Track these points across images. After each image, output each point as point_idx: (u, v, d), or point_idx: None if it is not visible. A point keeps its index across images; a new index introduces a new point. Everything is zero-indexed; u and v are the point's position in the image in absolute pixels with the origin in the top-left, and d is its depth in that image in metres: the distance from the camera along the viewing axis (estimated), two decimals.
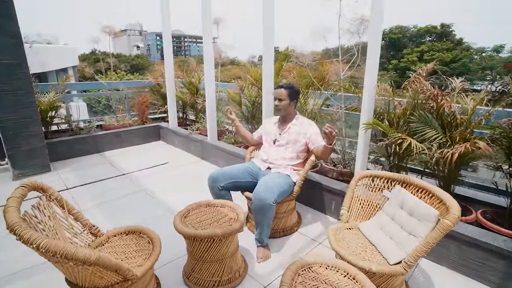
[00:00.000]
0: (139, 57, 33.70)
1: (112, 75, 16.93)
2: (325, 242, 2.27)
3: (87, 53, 36.81)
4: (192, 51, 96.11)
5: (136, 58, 31.40)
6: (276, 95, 2.27)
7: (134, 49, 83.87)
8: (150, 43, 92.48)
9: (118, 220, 2.55)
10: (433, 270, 1.97)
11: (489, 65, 20.23)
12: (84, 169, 3.73)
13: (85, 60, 32.01)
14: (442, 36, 26.46)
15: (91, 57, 35.42)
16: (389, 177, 1.95)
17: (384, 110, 2.32)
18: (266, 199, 1.90)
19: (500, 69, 18.81)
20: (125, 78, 29.59)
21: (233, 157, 3.61)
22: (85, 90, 5.49)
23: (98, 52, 37.41)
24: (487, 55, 21.80)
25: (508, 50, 22.53)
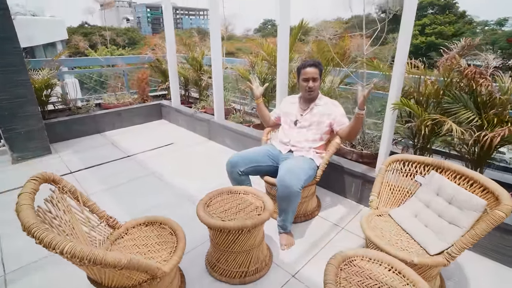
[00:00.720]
0: (130, 31, 32.17)
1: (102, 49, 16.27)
2: (348, 226, 2.20)
3: (75, 26, 34.98)
4: (185, 24, 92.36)
5: (127, 31, 29.93)
6: (309, 74, 2.05)
7: (124, 22, 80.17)
8: (140, 16, 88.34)
9: (130, 206, 2.43)
10: (463, 256, 1.91)
11: (491, 39, 19.82)
12: (86, 151, 3.56)
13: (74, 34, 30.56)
14: (445, 9, 25.54)
15: (80, 30, 33.69)
16: (423, 162, 1.83)
17: (414, 88, 2.16)
18: (293, 186, 1.78)
19: (503, 43, 18.44)
20: (116, 53, 28.41)
21: (241, 137, 3.47)
22: (76, 67, 5.17)
23: (87, 26, 35.50)
24: (489, 29, 21.27)
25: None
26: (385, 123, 2.21)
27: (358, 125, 1.96)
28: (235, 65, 3.62)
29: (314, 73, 2.07)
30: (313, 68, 2.07)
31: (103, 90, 9.15)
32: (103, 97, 4.59)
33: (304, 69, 2.10)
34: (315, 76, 2.07)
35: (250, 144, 3.36)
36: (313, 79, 2.08)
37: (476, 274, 1.77)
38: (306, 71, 2.08)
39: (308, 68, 2.07)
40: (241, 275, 1.66)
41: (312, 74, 2.07)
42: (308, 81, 2.08)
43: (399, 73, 2.05)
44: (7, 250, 1.92)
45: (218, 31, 3.44)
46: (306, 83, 2.09)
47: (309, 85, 2.08)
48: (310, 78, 2.07)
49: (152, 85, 5.75)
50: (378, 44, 2.39)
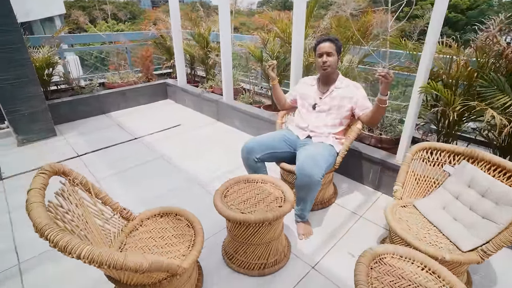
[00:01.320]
0: (129, 4, 30.83)
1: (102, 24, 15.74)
2: (366, 215, 2.13)
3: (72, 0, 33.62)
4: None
5: (126, 5, 28.68)
6: (322, 49, 1.91)
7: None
8: None
9: (140, 192, 2.37)
10: None
11: (509, 13, 18.77)
12: (92, 133, 3.46)
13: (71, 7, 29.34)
14: None
15: (77, 4, 32.37)
16: (453, 151, 1.72)
17: (444, 70, 2.00)
18: (314, 175, 1.69)
19: None
20: (116, 28, 27.41)
21: (252, 119, 3.34)
22: (76, 44, 4.92)
23: None
24: (507, 1, 20.11)
25: None
26: (410, 108, 2.07)
27: (381, 112, 1.83)
28: (245, 42, 3.41)
29: (329, 47, 1.92)
30: (328, 43, 1.92)
31: (104, 67, 8.89)
32: (107, 76, 4.42)
33: (319, 44, 1.96)
34: (329, 50, 1.92)
35: (261, 126, 3.25)
36: (327, 53, 1.92)
37: (504, 268, 1.70)
38: (320, 46, 1.94)
39: (323, 43, 1.93)
40: (260, 267, 1.61)
41: (326, 48, 1.92)
42: (323, 56, 1.93)
43: (429, 53, 1.88)
44: (19, 239, 1.88)
45: (227, 5, 3.21)
46: (321, 58, 1.94)
47: (323, 59, 1.93)
48: (324, 52, 1.92)
49: (156, 62, 5.54)
50: (405, 19, 2.20)
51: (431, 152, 1.78)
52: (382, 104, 1.77)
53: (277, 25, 2.78)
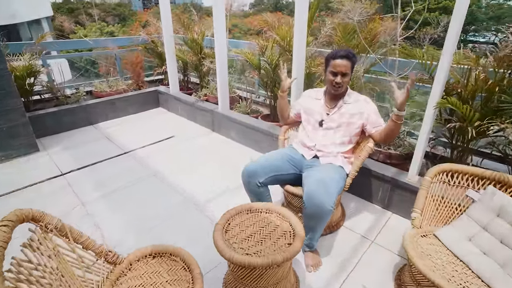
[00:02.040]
0: (121, 6, 30.27)
1: (92, 26, 15.32)
2: (378, 239, 1.96)
3: (59, 1, 32.92)
4: None
5: (118, 7, 28.10)
6: (339, 68, 1.70)
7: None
8: None
9: (131, 217, 2.15)
10: None
11: (496, 15, 19.07)
12: (78, 147, 3.23)
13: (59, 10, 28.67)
14: None
15: (65, 6, 31.72)
16: (477, 174, 1.56)
17: (462, 83, 1.84)
18: (325, 204, 1.51)
19: (510, 18, 17.78)
20: (106, 30, 26.86)
21: (249, 130, 3.15)
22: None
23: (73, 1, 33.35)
24: (495, 3, 20.43)
25: None
26: (424, 123, 1.91)
27: (397, 129, 1.67)
28: (241, 49, 3.22)
29: (345, 67, 1.72)
30: (345, 61, 1.71)
31: (94, 70, 8.58)
32: (94, 84, 4.18)
33: (334, 60, 1.74)
34: (346, 71, 1.72)
35: (259, 138, 3.06)
36: (343, 74, 1.73)
37: None
38: (336, 63, 1.72)
39: (339, 60, 1.72)
40: None
41: (342, 67, 1.72)
42: (337, 76, 1.74)
43: (446, 64, 1.72)
44: None
45: (222, 8, 3.02)
46: (334, 78, 1.75)
47: (337, 80, 1.74)
48: (339, 72, 1.73)
49: (147, 66, 5.31)
50: (418, 25, 2.04)
51: (451, 175, 1.62)
52: (399, 120, 1.61)
53: (276, 32, 2.60)
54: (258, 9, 50.98)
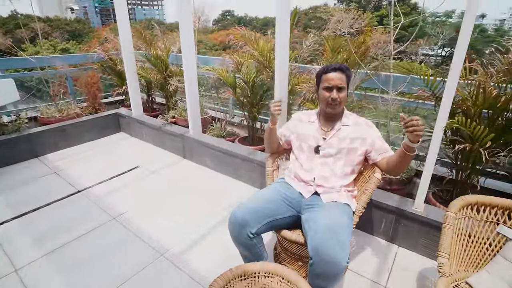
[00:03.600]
0: (79, 22, 28.68)
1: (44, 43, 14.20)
2: (390, 284, 1.68)
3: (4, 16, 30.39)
4: (138, 15, 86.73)
5: (76, 22, 26.58)
6: (333, 82, 1.48)
7: (68, 12, 72.82)
8: (86, 5, 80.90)
9: (85, 283, 1.66)
10: None
11: (442, 30, 20.98)
12: (15, 188, 2.62)
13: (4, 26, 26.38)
14: (399, 0, 26.52)
15: (11, 21, 29.34)
16: (507, 207, 1.34)
17: (471, 101, 1.66)
18: (340, 260, 1.19)
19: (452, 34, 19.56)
20: (60, 47, 24.91)
21: (225, 156, 2.79)
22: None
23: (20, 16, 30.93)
24: (440, 20, 22.47)
25: (458, 15, 23.47)
26: (431, 146, 1.69)
27: (408, 161, 1.43)
28: (213, 67, 2.89)
29: (340, 80, 1.49)
30: (339, 73, 1.49)
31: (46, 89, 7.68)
32: (40, 108, 3.57)
33: (326, 74, 1.51)
34: (341, 84, 1.49)
35: (237, 165, 2.71)
36: (339, 88, 1.49)
37: None
38: (329, 77, 1.50)
39: (332, 73, 1.49)
40: None
41: (337, 80, 1.49)
42: (332, 91, 1.50)
43: (453, 81, 1.53)
44: None
45: (190, 22, 2.68)
46: (329, 93, 1.51)
47: (333, 96, 1.49)
48: (334, 86, 1.49)
49: (105, 86, 4.76)
50: (412, 36, 1.88)
51: (477, 208, 1.39)
52: (411, 152, 1.36)
53: (254, 46, 2.31)
54: (223, 25, 51.64)
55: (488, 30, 24.16)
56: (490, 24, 40.92)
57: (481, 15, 22.54)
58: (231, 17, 58.79)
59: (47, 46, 19.08)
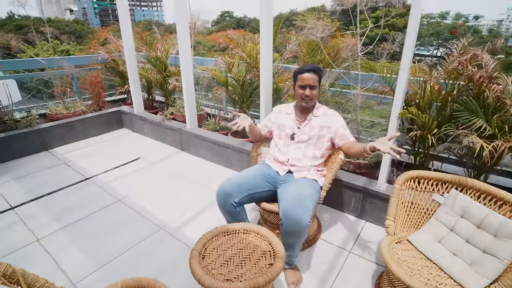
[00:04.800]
0: (78, 22, 28.98)
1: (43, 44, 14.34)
2: (355, 249, 1.99)
3: (2, 18, 30.68)
4: (137, 16, 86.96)
5: (75, 23, 26.90)
6: (306, 81, 1.77)
7: (67, 13, 73.07)
8: (85, 6, 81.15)
9: (96, 250, 1.97)
10: None
11: (436, 31, 21.36)
12: (32, 176, 2.93)
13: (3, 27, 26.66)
14: None
15: (10, 23, 29.63)
16: (440, 179, 1.66)
17: (420, 94, 1.98)
18: (301, 220, 1.50)
19: (447, 35, 20.02)
20: (60, 48, 25.25)
21: (219, 147, 3.11)
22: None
23: (18, 16, 31.25)
24: (434, 22, 22.91)
25: (452, 16, 23.99)
26: (388, 133, 2.01)
27: (362, 156, 1.72)
28: (207, 66, 3.20)
29: (313, 80, 1.79)
30: (311, 74, 1.79)
31: (48, 90, 7.96)
32: (49, 106, 3.88)
33: (301, 74, 1.81)
34: (313, 83, 1.79)
35: (230, 155, 3.02)
36: (311, 86, 1.80)
37: None
38: (303, 77, 1.79)
39: (306, 74, 1.79)
40: None
41: (310, 80, 1.79)
42: (305, 89, 1.80)
43: (405, 78, 1.85)
44: None
45: (186, 27, 3.00)
46: (303, 91, 1.81)
47: (306, 93, 1.80)
48: (307, 85, 1.79)
49: (108, 86, 5.06)
50: (375, 42, 2.19)
51: (418, 181, 1.71)
52: (367, 154, 1.63)
53: (242, 49, 2.63)
54: (222, 26, 51.94)
55: (482, 31, 24.59)
56: (488, 25, 41.24)
57: (475, 16, 22.99)
58: (230, 18, 59.07)
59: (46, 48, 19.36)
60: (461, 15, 24.07)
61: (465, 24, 22.25)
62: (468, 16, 24.83)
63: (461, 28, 20.38)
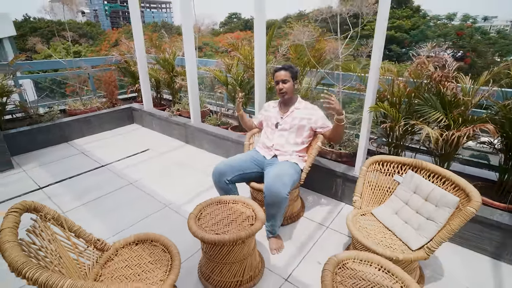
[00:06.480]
0: (90, 24, 29.89)
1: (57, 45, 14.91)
2: (332, 225, 2.30)
3: (19, 20, 31.85)
4: (147, 18, 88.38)
5: (86, 25, 27.78)
6: (279, 77, 2.15)
7: (79, 15, 74.85)
8: (97, 8, 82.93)
9: (112, 222, 2.33)
10: None
11: (443, 32, 21.34)
12: (54, 163, 3.33)
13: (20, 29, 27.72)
14: (401, 3, 27.11)
15: (27, 25, 30.75)
16: (400, 162, 1.96)
17: (388, 91, 2.29)
18: (281, 192, 1.83)
19: (454, 36, 20.01)
20: (73, 49, 26.21)
21: (220, 140, 3.45)
22: None
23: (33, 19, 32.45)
24: (441, 23, 22.86)
25: (459, 18, 23.93)
26: (362, 125, 2.32)
27: (340, 129, 2.05)
28: (209, 67, 3.56)
29: (284, 75, 2.15)
30: (282, 71, 2.16)
31: (60, 90, 8.45)
32: (68, 102, 4.29)
33: (275, 72, 2.20)
34: (284, 78, 2.15)
35: (229, 147, 3.36)
36: (283, 81, 2.16)
37: (449, 261, 1.94)
38: (276, 74, 2.19)
39: (278, 72, 2.18)
40: (236, 285, 1.68)
41: (281, 76, 2.15)
42: (279, 83, 2.16)
43: (374, 77, 2.16)
44: None
45: (191, 31, 3.36)
46: (277, 85, 2.18)
47: (279, 86, 2.18)
48: (280, 80, 2.16)
49: (121, 85, 5.48)
50: (353, 46, 2.49)
51: (382, 164, 2.01)
52: (340, 122, 1.99)
53: (239, 52, 2.97)
54: (229, 27, 52.50)
55: (491, 32, 24.37)
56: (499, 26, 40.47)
57: (483, 17, 22.79)
58: (238, 20, 59.58)
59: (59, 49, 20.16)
60: (469, 16, 24.00)
61: (472, 25, 22.14)
62: (477, 17, 24.68)
63: (468, 30, 20.30)
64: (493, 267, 1.91)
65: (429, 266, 1.90)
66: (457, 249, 2.05)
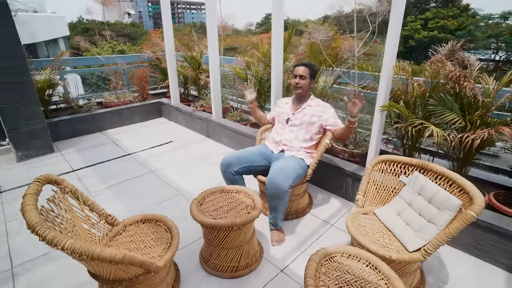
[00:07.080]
0: (134, 25, 31.94)
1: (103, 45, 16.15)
2: (337, 224, 2.30)
3: (74, 22, 34.88)
4: (186, 19, 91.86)
5: (131, 26, 29.74)
6: (297, 72, 2.18)
7: (125, 17, 79.96)
8: (142, 10, 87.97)
9: (130, 204, 2.54)
10: (446, 252, 2.00)
11: (495, 33, 19.55)
12: (88, 149, 3.67)
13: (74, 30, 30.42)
14: (448, 2, 25.28)
15: (80, 26, 33.59)
16: (407, 163, 1.91)
17: (402, 90, 2.23)
18: (281, 185, 1.87)
19: (507, 37, 18.26)
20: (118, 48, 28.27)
21: (238, 136, 3.56)
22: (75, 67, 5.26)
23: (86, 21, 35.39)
24: (493, 22, 20.97)
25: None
26: (373, 124, 2.29)
27: (350, 131, 2.05)
28: (231, 65, 3.69)
29: (303, 71, 2.18)
30: (302, 67, 2.19)
31: (105, 86, 9.22)
32: (104, 95, 4.69)
33: (295, 67, 2.23)
34: (303, 74, 2.18)
35: (246, 142, 3.46)
36: (300, 76, 2.19)
37: (458, 270, 1.85)
38: (296, 69, 2.21)
39: (298, 67, 2.21)
40: (232, 270, 1.77)
41: (300, 71, 2.18)
42: (296, 78, 2.20)
43: (386, 76, 2.12)
44: (14, 245, 2.04)
45: (215, 30, 3.50)
46: (294, 80, 2.21)
47: (296, 80, 2.20)
48: (298, 75, 2.19)
49: (152, 81, 5.84)
50: (370, 45, 2.46)
51: (389, 163, 1.97)
52: (351, 124, 1.98)
53: (258, 51, 3.06)
54: (265, 28, 52.80)
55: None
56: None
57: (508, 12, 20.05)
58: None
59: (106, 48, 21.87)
60: None
61: None
62: None
63: None
64: (507, 280, 1.79)
65: (434, 273, 1.84)
66: (468, 259, 1.95)
